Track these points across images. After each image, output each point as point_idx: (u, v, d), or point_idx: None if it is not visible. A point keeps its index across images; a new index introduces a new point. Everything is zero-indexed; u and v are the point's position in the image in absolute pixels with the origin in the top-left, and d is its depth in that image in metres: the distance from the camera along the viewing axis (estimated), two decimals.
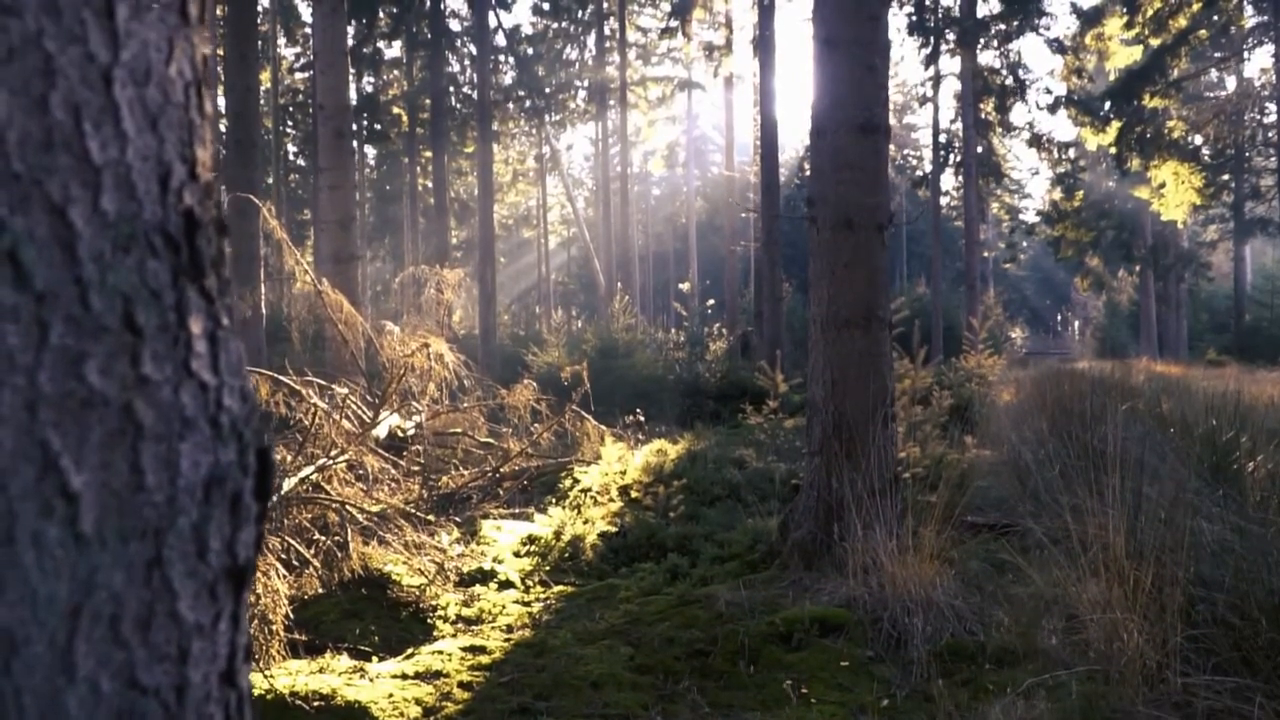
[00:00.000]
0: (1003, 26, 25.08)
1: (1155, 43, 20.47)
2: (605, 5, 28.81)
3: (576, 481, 6.91)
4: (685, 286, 20.14)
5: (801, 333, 5.63)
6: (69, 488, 0.51)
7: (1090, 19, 22.52)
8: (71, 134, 0.52)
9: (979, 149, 26.58)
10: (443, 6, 24.93)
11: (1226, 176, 28.67)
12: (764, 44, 15.09)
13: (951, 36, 24.95)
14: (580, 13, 30.10)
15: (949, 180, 34.70)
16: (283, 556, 4.52)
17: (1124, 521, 3.67)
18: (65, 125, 0.52)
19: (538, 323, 31.12)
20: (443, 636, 4.08)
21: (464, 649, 3.84)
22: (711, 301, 23.38)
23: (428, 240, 32.05)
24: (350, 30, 22.66)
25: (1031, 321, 61.46)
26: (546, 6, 30.18)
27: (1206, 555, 3.63)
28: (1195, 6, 19.75)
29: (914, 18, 25.61)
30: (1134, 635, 3.17)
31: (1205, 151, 24.22)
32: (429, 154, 28.97)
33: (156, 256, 0.56)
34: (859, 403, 4.44)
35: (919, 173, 45.33)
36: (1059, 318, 67.58)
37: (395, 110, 30.74)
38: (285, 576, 4.02)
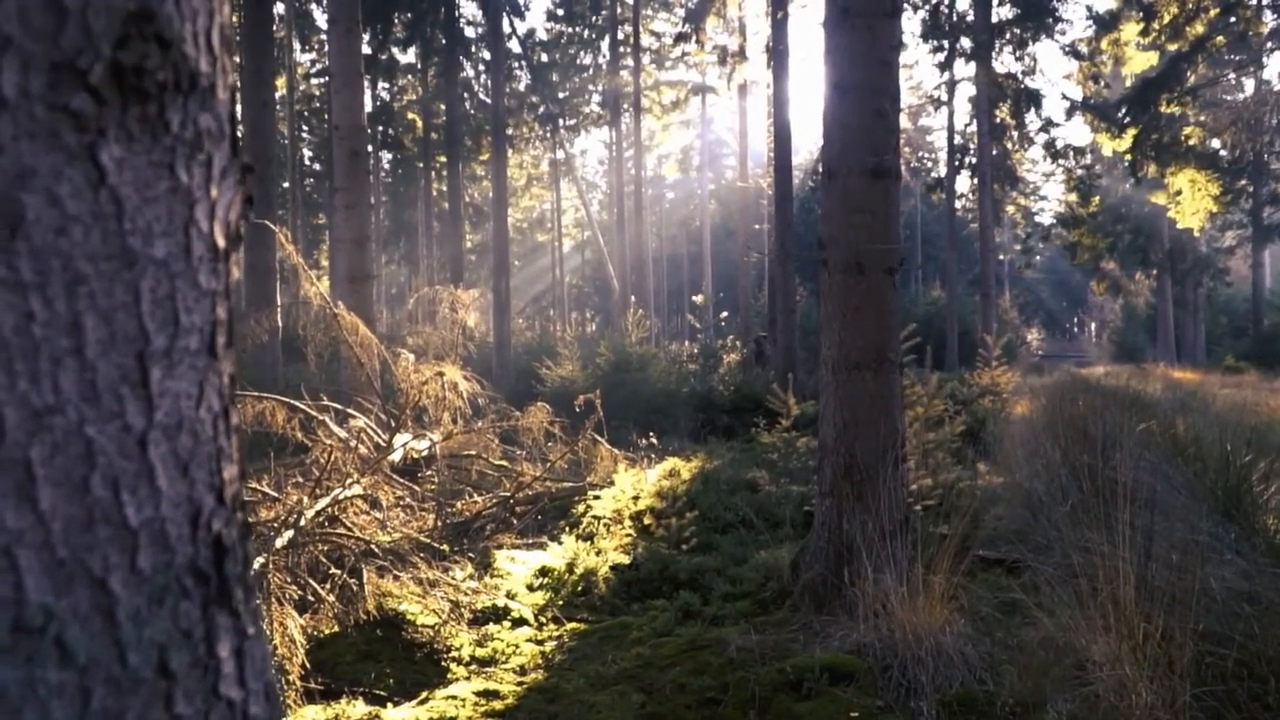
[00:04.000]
0: (1017, 31, 25.01)
1: (1172, 48, 20.36)
2: (619, 11, 28.85)
3: (589, 508, 6.96)
4: (699, 299, 20.17)
5: (815, 339, 5.69)
6: None
7: (1106, 25, 22.42)
8: (111, 507, 0.56)
9: (994, 152, 26.49)
10: (457, 14, 25.01)
11: (1244, 182, 28.50)
12: (778, 56, 15.11)
13: (967, 43, 24.86)
14: (594, 18, 30.15)
15: (964, 183, 34.58)
16: (298, 593, 4.57)
17: (1134, 567, 3.67)
18: (105, 500, 0.56)
19: (552, 325, 31.20)
20: (457, 679, 4.13)
21: (477, 693, 3.89)
22: (725, 314, 23.40)
23: (442, 245, 32.18)
24: (365, 37, 22.76)
25: (1047, 324, 61.23)
26: (561, 12, 30.24)
27: (1217, 606, 3.64)
28: (1213, 12, 19.63)
29: (928, 23, 25.56)
30: (1143, 693, 3.19)
31: (1224, 154, 24.05)
32: (443, 159, 29.10)
33: (188, 597, 0.60)
34: (870, 445, 4.47)
35: (934, 175, 45.23)
36: (1075, 320, 67.27)
37: (410, 116, 30.87)
38: (299, 621, 4.08)
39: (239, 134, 0.68)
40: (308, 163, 35.54)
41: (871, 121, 4.36)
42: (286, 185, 29.10)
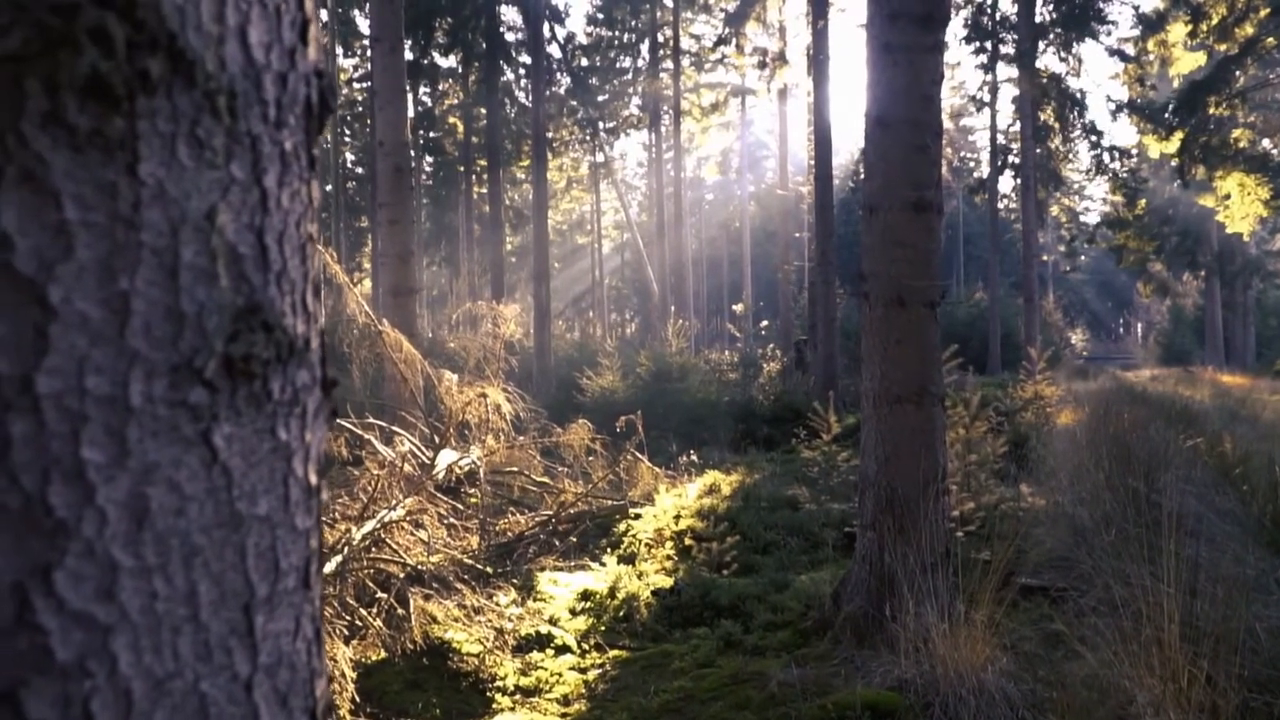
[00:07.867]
0: (1060, 32, 24.70)
1: (1221, 49, 20.02)
2: (659, 15, 28.90)
3: (630, 527, 7.01)
4: (739, 308, 20.16)
5: (856, 344, 5.71)
6: None
7: (1153, 25, 22.08)
8: None
9: (1037, 152, 26.17)
10: (498, 20, 25.18)
11: None
12: (818, 64, 15.07)
13: (1009, 48, 24.61)
14: (634, 22, 30.22)
15: (1006, 184, 34.23)
16: (346, 619, 4.67)
17: (1178, 605, 3.64)
18: None
19: (591, 327, 31.31)
20: (501, 710, 4.20)
21: None
22: (765, 323, 23.38)
23: (483, 248, 32.44)
24: (406, 44, 22.97)
25: (1092, 325, 60.39)
26: (601, 17, 30.34)
27: (1263, 649, 3.61)
28: (1263, 13, 19.26)
29: (970, 24, 25.32)
30: None
31: (1275, 152, 23.57)
32: (484, 163, 29.33)
33: None
34: (911, 478, 4.48)
35: (976, 175, 44.77)
36: (1120, 321, 66.23)
37: (451, 121, 31.13)
38: (348, 652, 4.17)
39: (328, 372, 0.73)
40: (349, 166, 35.98)
41: (913, 156, 4.37)
42: (330, 188, 29.48)
